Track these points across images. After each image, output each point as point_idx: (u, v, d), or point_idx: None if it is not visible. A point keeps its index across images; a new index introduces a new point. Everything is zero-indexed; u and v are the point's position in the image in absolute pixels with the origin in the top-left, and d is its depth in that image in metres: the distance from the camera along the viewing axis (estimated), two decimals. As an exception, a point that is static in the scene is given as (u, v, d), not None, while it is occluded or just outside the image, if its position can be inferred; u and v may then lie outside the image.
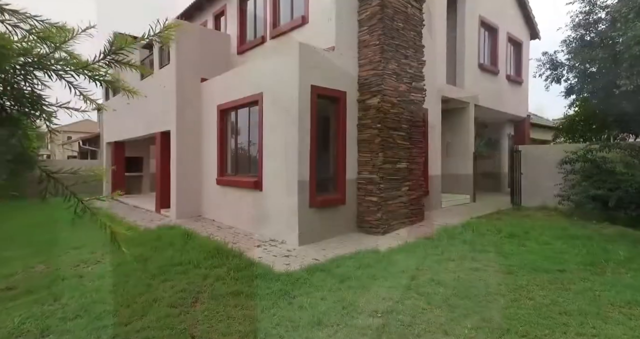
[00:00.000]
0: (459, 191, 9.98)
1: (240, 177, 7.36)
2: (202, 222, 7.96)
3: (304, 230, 5.75)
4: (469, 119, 9.82)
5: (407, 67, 6.74)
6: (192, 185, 8.75)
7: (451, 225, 6.31)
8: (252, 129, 7.09)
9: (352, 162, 6.58)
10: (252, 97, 6.82)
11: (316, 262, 4.74)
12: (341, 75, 6.36)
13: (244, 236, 6.50)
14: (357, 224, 6.62)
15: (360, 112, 6.59)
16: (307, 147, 5.80)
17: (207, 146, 8.61)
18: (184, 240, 5.82)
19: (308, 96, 5.81)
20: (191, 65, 8.67)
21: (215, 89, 8.25)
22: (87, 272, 4.50)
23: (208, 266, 4.48)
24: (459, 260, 4.53)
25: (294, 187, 5.73)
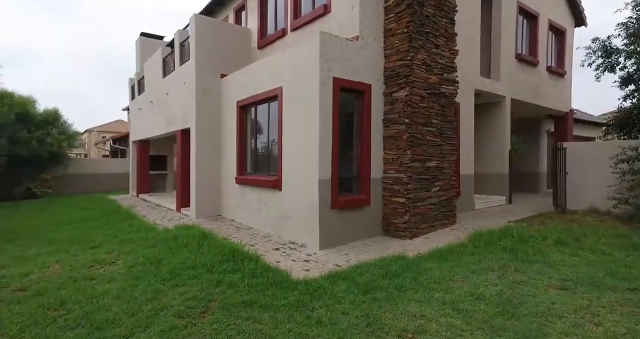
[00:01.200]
0: (493, 192, 9.27)
1: (260, 176, 7.09)
2: (221, 223, 7.77)
3: (326, 233, 5.38)
4: (505, 114, 9.08)
5: (438, 57, 6.20)
6: (212, 184, 8.59)
7: (487, 229, 5.74)
8: (271, 126, 6.79)
9: (377, 160, 6.14)
10: (271, 92, 6.53)
11: (338, 268, 4.36)
12: (366, 66, 5.93)
13: (263, 238, 6.21)
14: (383, 227, 6.17)
15: (387, 106, 6.14)
16: (328, 144, 5.43)
17: (226, 143, 8.42)
18: (200, 241, 5.60)
19: (330, 89, 5.43)
20: (211, 61, 8.51)
21: (234, 84, 8.03)
22: (99, 274, 4.34)
23: (222, 271, 4.20)
24: (500, 271, 4.00)
25: (314, 186, 5.38)
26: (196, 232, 6.21)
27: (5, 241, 6.48)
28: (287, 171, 6.07)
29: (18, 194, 14.18)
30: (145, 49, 15.15)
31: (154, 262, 4.72)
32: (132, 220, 8.13)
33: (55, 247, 5.88)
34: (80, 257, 5.20)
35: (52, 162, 15.61)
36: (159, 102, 11.15)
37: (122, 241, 6.02)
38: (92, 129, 45.25)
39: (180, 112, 9.21)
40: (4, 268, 4.84)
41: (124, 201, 12.33)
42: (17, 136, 13.86)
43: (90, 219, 8.55)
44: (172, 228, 6.89)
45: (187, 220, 8.17)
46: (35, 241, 6.41)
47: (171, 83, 9.92)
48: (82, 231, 7.19)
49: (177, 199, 9.53)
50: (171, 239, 5.86)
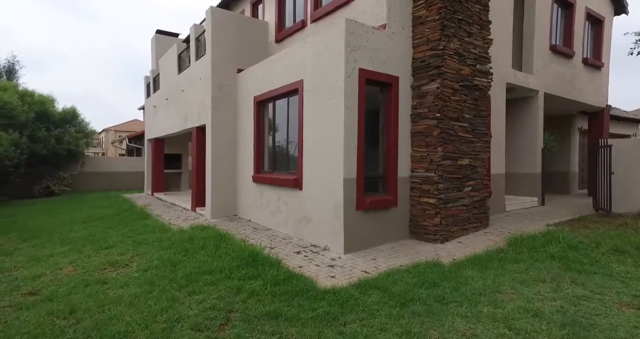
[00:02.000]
0: (524, 193, 8.72)
1: (278, 174, 6.78)
2: (237, 223, 7.50)
3: (351, 236, 5.03)
4: (537, 109, 8.52)
5: (470, 46, 5.76)
6: (228, 183, 8.34)
7: (525, 233, 5.27)
8: (291, 122, 6.47)
9: (404, 158, 5.74)
10: (291, 86, 6.20)
11: (367, 275, 4.00)
12: (393, 57, 5.54)
13: (282, 240, 5.90)
14: (410, 229, 5.78)
15: (415, 100, 5.73)
16: (354, 140, 5.06)
17: (243, 141, 8.15)
18: (217, 243, 5.33)
19: (355, 82, 5.06)
20: (227, 56, 8.25)
21: (251, 79, 7.75)
22: (111, 277, 4.10)
23: (242, 277, 3.89)
24: (553, 282, 3.55)
25: (338, 186, 5.02)
26: (212, 233, 5.95)
27: (20, 240, 6.37)
28: (309, 169, 5.74)
29: (37, 192, 14.35)
30: (160, 46, 15.08)
31: (169, 265, 4.47)
32: (147, 219, 7.96)
33: (69, 247, 5.71)
34: (93, 258, 5.00)
35: (70, 161, 15.77)
36: (174, 99, 10.99)
37: (136, 242, 5.81)
38: (109, 128, 46.08)
39: (196, 108, 9.00)
40: (16, 268, 4.67)
41: (138, 200, 12.26)
42: (36, 134, 14.01)
43: (105, 218, 8.43)
44: (187, 229, 6.66)
45: (203, 220, 7.95)
46: (50, 240, 6.28)
47: (187, 79, 9.73)
48: (96, 230, 7.04)
49: (192, 198, 9.33)
50: (187, 241, 5.62)
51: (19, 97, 14.02)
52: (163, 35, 15.71)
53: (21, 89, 15.30)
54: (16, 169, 12.49)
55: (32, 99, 14.65)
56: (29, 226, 7.72)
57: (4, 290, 3.83)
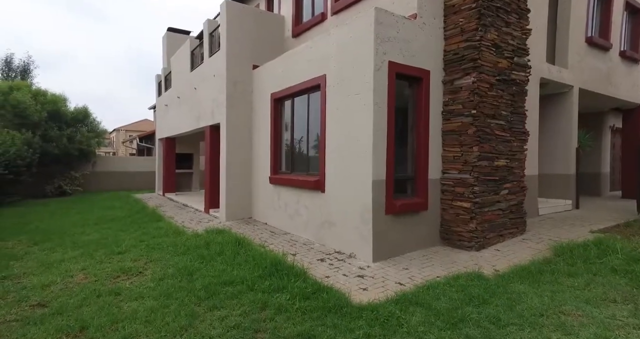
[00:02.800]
0: (556, 195, 8.22)
1: (298, 175, 6.45)
2: (253, 226, 7.20)
3: (380, 242, 4.67)
4: (572, 106, 8.00)
5: (508, 37, 5.33)
6: (243, 184, 8.06)
7: (570, 241, 4.83)
8: (312, 120, 6.14)
9: (435, 158, 5.35)
10: (312, 82, 5.86)
11: (403, 288, 3.64)
12: (424, 49, 5.15)
13: (303, 246, 5.57)
14: (441, 235, 5.39)
15: (447, 96, 5.33)
16: (383, 139, 4.70)
17: (259, 140, 7.85)
18: (235, 249, 5.03)
19: (385, 76, 4.69)
20: (242, 51, 7.96)
21: (268, 75, 7.43)
22: (125, 287, 3.82)
23: (266, 289, 3.57)
24: (628, 303, 3.11)
25: (367, 188, 4.67)
26: (229, 238, 5.66)
27: (31, 243, 6.17)
28: (332, 170, 5.39)
29: (50, 192, 14.31)
30: (172, 44, 14.92)
31: (186, 274, 4.17)
32: (159, 222, 7.72)
33: (80, 251, 5.48)
34: (105, 264, 4.74)
35: (81, 160, 15.73)
36: (186, 98, 10.77)
37: (149, 247, 5.55)
38: (119, 128, 46.47)
39: (210, 106, 8.74)
40: (26, 275, 4.43)
41: (150, 201, 12.08)
42: (49, 133, 13.98)
43: (117, 220, 8.22)
44: (202, 232, 6.38)
45: (217, 223, 7.68)
46: (62, 243, 6.06)
47: (200, 76, 9.48)
48: (108, 233, 6.82)
49: (205, 199, 9.08)
50: (202, 246, 5.33)
51: (32, 96, 14.01)
52: (174, 33, 15.55)
53: (34, 89, 15.31)
54: (28, 168, 12.44)
55: (45, 98, 14.63)
56: (41, 227, 7.55)
57: (12, 301, 3.58)
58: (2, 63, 19.40)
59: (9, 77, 18.84)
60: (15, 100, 13.27)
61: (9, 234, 6.92)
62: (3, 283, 4.10)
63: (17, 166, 11.70)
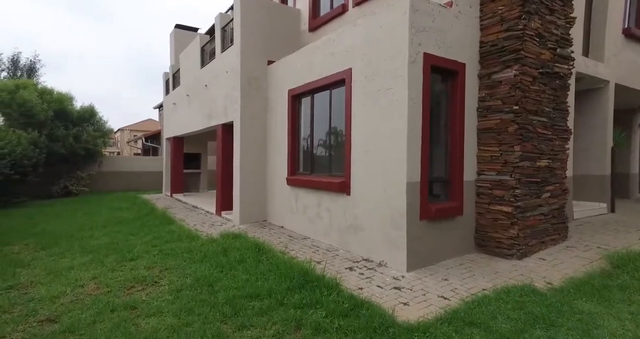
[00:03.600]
0: (589, 197, 7.81)
1: (319, 176, 6.12)
2: (269, 230, 6.89)
3: (414, 250, 4.32)
4: (607, 102, 7.58)
5: (552, 26, 4.95)
6: (258, 185, 7.75)
7: (628, 250, 4.44)
8: (335, 117, 5.80)
9: (469, 158, 5.00)
10: (336, 76, 5.53)
11: (449, 304, 3.30)
12: (459, 41, 4.80)
13: (327, 252, 5.25)
14: (476, 241, 5.03)
15: (483, 92, 4.97)
16: (418, 137, 4.36)
17: (274, 139, 7.54)
18: (256, 257, 4.72)
19: (420, 69, 4.35)
20: (257, 46, 7.65)
21: (285, 71, 7.12)
22: (141, 300, 3.52)
23: (297, 304, 3.25)
24: None
25: (400, 191, 4.32)
26: (247, 243, 5.36)
27: (39, 247, 5.92)
28: (359, 171, 5.06)
29: (56, 192, 14.14)
30: (180, 41, 14.69)
31: (205, 285, 3.87)
32: (171, 225, 7.44)
33: (90, 257, 5.20)
34: (117, 272, 4.45)
35: (88, 160, 15.55)
36: (196, 96, 10.50)
37: (163, 253, 5.26)
38: (124, 127, 46.53)
39: (222, 104, 8.45)
40: (33, 284, 4.16)
41: (158, 202, 11.84)
42: (55, 133, 13.81)
43: (125, 222, 7.96)
44: (218, 237, 6.08)
45: (231, 226, 7.38)
46: (70, 247, 5.80)
47: (211, 73, 9.19)
48: (118, 236, 6.55)
49: (217, 201, 8.79)
50: (220, 253, 5.02)
51: (38, 95, 13.85)
52: (182, 29, 15.31)
53: (40, 87, 15.16)
54: (35, 168, 12.26)
55: (51, 97, 14.47)
56: (48, 230, 7.31)
57: (19, 315, 3.30)
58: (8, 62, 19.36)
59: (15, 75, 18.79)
60: (21, 98, 13.12)
61: (15, 237, 6.68)
62: (9, 294, 3.83)
63: (23, 166, 11.53)
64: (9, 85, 13.82)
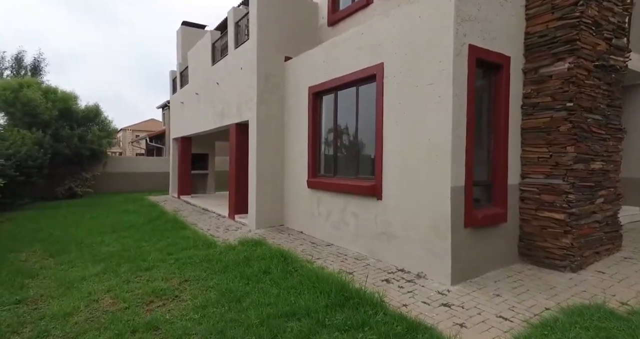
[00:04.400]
0: (629, 202, 7.40)
1: (344, 179, 5.78)
2: (289, 235, 6.56)
3: (458, 261, 3.97)
4: (648, 99, 7.19)
5: (609, 13, 4.58)
6: (274, 188, 7.43)
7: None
8: (362, 116, 5.47)
9: (513, 160, 4.64)
10: (365, 72, 5.19)
11: (512, 326, 2.95)
12: (504, 32, 4.44)
13: (356, 261, 4.91)
14: (520, 251, 4.67)
15: (529, 87, 4.61)
16: (462, 138, 4.01)
17: (292, 139, 7.21)
18: (283, 267, 4.39)
19: (465, 62, 4.00)
20: (274, 41, 7.33)
21: (304, 67, 6.79)
22: (164, 320, 3.19)
23: (341, 325, 2.91)
24: None
25: (442, 196, 3.98)
26: (270, 251, 5.03)
27: (47, 254, 5.63)
28: (391, 174, 4.71)
29: (60, 194, 13.90)
30: (187, 39, 14.41)
31: (233, 300, 3.55)
32: (183, 230, 7.13)
33: (102, 266, 4.90)
34: (133, 284, 4.14)
35: (92, 161, 15.31)
36: (207, 94, 10.19)
37: (179, 262, 4.94)
38: (126, 127, 46.45)
39: (236, 103, 8.13)
40: (44, 298, 3.86)
41: (166, 204, 11.56)
42: (59, 133, 13.57)
43: (135, 227, 7.66)
44: (235, 244, 5.77)
45: (247, 231, 7.06)
46: (80, 255, 5.51)
47: (223, 70, 8.88)
48: (129, 242, 6.25)
49: (230, 204, 8.48)
50: (242, 262, 4.70)
51: (42, 94, 13.62)
52: (189, 27, 15.04)
53: (44, 86, 14.94)
54: (40, 169, 12.02)
55: (56, 96, 14.23)
56: (55, 235, 7.03)
57: (29, 337, 2.99)
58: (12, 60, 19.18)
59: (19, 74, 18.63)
60: (25, 97, 12.90)
61: (21, 243, 6.40)
62: (18, 310, 3.53)
63: (27, 166, 11.28)
64: (12, 83, 13.61)
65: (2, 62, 19.02)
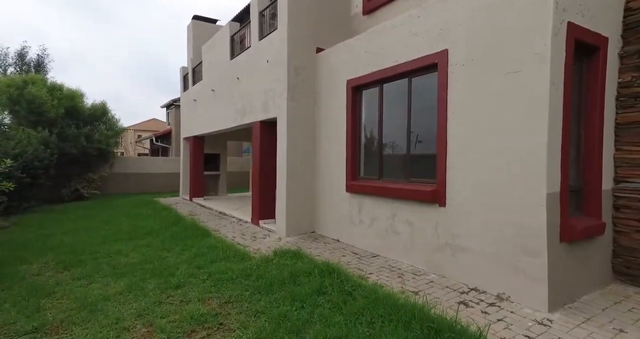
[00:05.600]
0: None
1: (393, 183, 5.19)
2: (324, 244, 5.99)
3: (556, 282, 3.37)
4: None
5: None
6: (306, 191, 6.86)
7: None
8: (417, 111, 4.88)
9: (606, 161, 4.03)
10: (422, 61, 4.60)
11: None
12: (602, 8, 3.84)
13: (414, 277, 4.32)
14: (616, 268, 4.06)
15: (628, 75, 4.00)
16: (557, 135, 3.42)
17: (325, 137, 6.63)
18: (339, 284, 3.80)
19: (563, 44, 3.40)
20: (304, 31, 6.77)
21: (342, 59, 6.21)
22: (219, 360, 2.62)
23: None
24: None
25: (536, 204, 3.38)
26: (315, 265, 4.46)
27: (61, 267, 5.07)
28: (459, 177, 4.12)
29: (66, 196, 13.39)
30: (198, 33, 13.90)
31: (292, 331, 2.97)
32: (207, 237, 6.57)
33: (125, 281, 4.35)
34: (167, 307, 3.58)
35: (99, 161, 14.81)
36: (224, 90, 9.65)
37: (213, 278, 4.36)
38: (127, 127, 46.15)
39: (260, 99, 7.57)
40: (64, 325, 3.29)
41: (179, 207, 11.02)
42: (65, 131, 13.08)
43: (153, 234, 7.10)
44: (271, 254, 5.20)
45: (276, 238, 6.49)
46: (97, 267, 4.96)
47: (245, 64, 8.33)
48: (149, 252, 5.70)
49: (253, 208, 7.91)
50: (288, 279, 4.12)
51: (48, 91, 13.14)
52: (201, 21, 14.52)
53: (49, 83, 14.46)
54: (46, 170, 11.52)
55: (61, 93, 13.73)
56: (67, 243, 6.49)
57: (53, 383, 2.42)
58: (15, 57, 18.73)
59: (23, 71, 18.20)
60: (30, 95, 12.42)
61: (32, 252, 5.86)
62: (35, 343, 2.97)
63: (34, 167, 10.78)
64: (16, 80, 13.14)
65: (5, 59, 18.66)
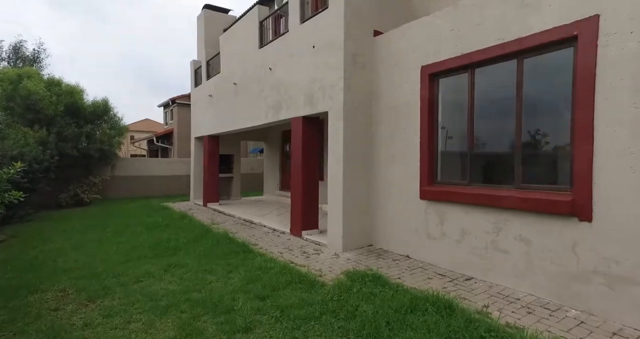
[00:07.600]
0: None
1: (495, 189, 4.27)
2: (394, 261, 5.07)
3: None
4: None
5: None
6: (362, 198, 5.94)
7: None
8: (533, 98, 3.96)
9: None
10: (554, 33, 3.68)
11: None
12: None
13: (543, 311, 3.41)
14: None
15: None
16: None
17: (387, 134, 5.71)
18: (468, 329, 2.87)
19: None
20: (361, 11, 5.86)
21: (414, 42, 5.29)
22: None
23: None
24: None
25: None
26: (426, 299, 3.51)
27: (84, 297, 4.07)
28: (617, 184, 3.21)
29: (64, 201, 12.27)
30: (210, 24, 12.90)
31: None
32: (249, 254, 5.60)
33: (173, 320, 3.40)
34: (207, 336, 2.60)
35: (101, 163, 13.70)
36: (250, 83, 8.67)
37: (288, 315, 3.41)
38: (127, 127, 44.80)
39: (304, 90, 6.61)
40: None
41: (195, 214, 10.02)
42: (65, 131, 11.96)
43: (180, 248, 6.13)
44: (344, 279, 4.27)
45: (332, 254, 5.54)
46: (130, 297, 3.98)
47: (282, 51, 7.36)
48: (186, 274, 4.73)
49: (293, 217, 6.95)
50: (394, 319, 3.18)
51: (45, 86, 12.01)
52: (213, 10, 13.50)
53: (47, 77, 13.32)
54: (46, 174, 10.41)
55: (60, 89, 12.59)
56: (81, 262, 5.49)
57: None
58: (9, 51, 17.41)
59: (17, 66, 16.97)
60: (25, 90, 11.29)
61: (41, 276, 4.84)
62: None
63: (32, 170, 9.67)
64: (10, 74, 12.02)
65: (-1, 53, 17.36)
